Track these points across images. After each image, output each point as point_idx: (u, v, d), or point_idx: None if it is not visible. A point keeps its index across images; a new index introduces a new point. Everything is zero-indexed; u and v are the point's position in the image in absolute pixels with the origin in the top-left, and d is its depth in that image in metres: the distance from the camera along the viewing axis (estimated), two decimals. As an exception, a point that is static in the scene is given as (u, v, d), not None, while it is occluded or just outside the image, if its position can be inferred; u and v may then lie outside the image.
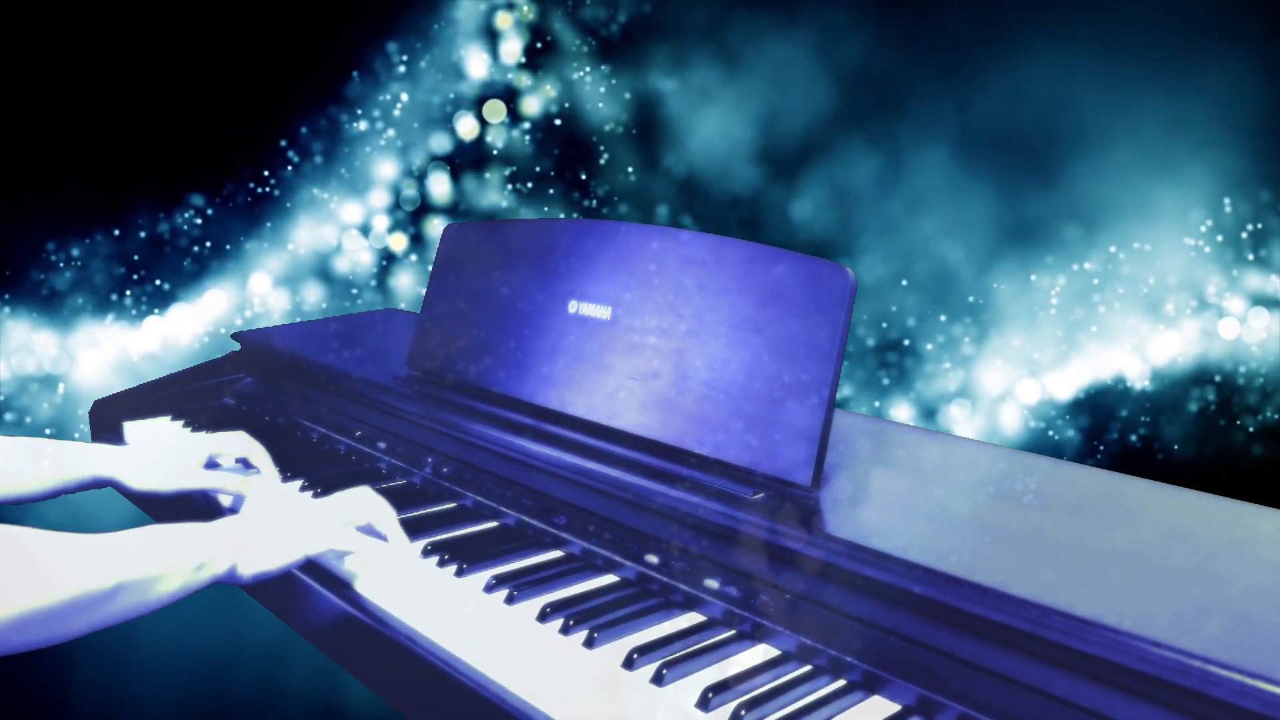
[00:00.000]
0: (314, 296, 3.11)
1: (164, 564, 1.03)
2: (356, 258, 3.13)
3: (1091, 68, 2.49)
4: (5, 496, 1.32)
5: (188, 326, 2.99)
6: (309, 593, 1.21)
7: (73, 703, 2.18)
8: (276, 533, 1.15)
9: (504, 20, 3.08)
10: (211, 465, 1.53)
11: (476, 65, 3.10)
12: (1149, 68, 2.43)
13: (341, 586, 1.20)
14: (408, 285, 3.17)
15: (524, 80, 3.10)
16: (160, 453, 1.44)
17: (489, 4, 3.07)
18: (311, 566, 1.22)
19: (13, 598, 0.89)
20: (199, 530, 1.10)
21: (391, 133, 3.09)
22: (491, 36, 3.09)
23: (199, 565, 1.07)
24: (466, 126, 3.11)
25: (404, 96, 3.07)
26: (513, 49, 3.09)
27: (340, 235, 3.11)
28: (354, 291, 3.14)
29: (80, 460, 1.38)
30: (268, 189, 3.02)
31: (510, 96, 3.10)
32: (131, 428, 1.82)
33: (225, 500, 1.48)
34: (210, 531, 1.11)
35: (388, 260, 3.15)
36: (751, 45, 2.85)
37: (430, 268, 1.72)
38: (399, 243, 3.14)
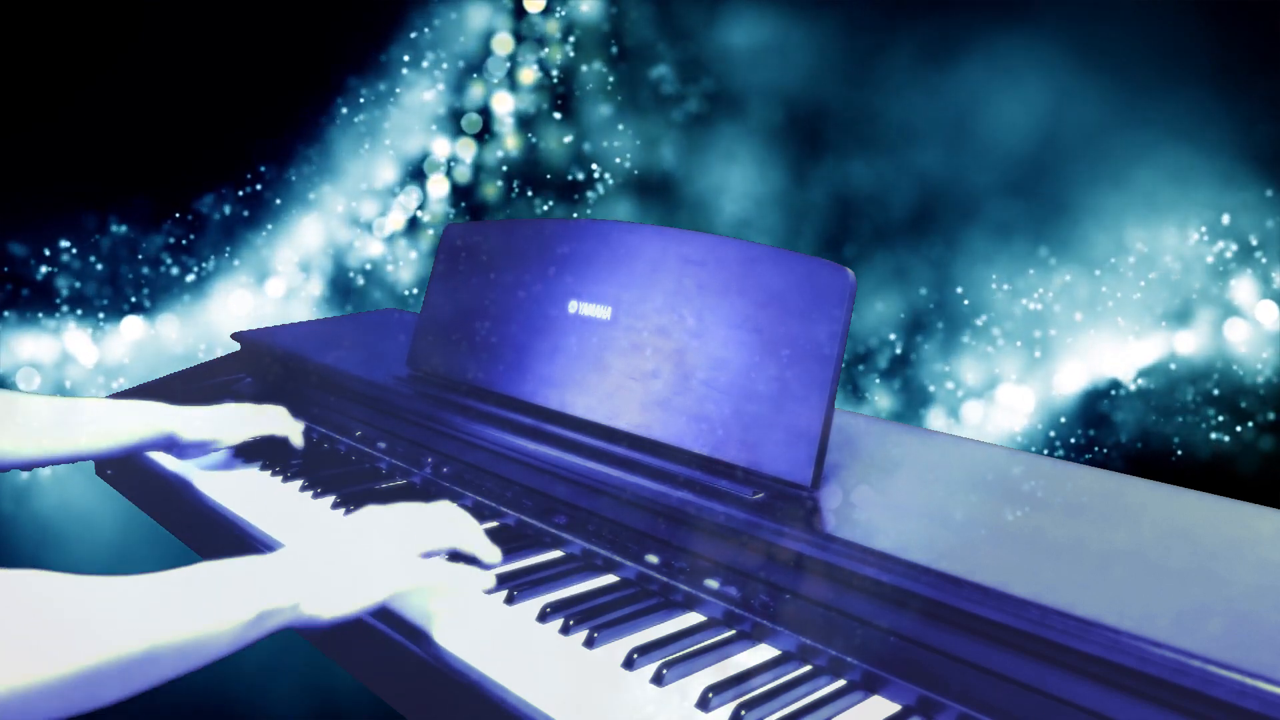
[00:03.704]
0: (314, 296, 3.11)
1: (215, 617, 0.83)
2: (357, 258, 3.12)
3: (1094, 71, 2.49)
4: (83, 452, 1.36)
5: (187, 326, 2.98)
6: (309, 593, 1.21)
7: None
8: (358, 564, 0.98)
9: (507, 21, 3.08)
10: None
11: (479, 64, 3.09)
12: (1150, 69, 2.43)
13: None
14: (407, 285, 3.17)
15: (525, 80, 3.10)
16: (211, 411, 1.54)
17: (492, 4, 3.07)
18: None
19: (14, 668, 0.69)
20: (258, 567, 0.90)
21: (392, 132, 3.08)
22: (494, 35, 3.09)
23: (260, 614, 0.87)
24: (469, 126, 3.11)
25: (405, 96, 3.07)
26: (513, 47, 3.09)
27: (340, 235, 3.10)
28: (354, 291, 3.14)
29: (143, 416, 1.44)
30: (267, 189, 3.02)
31: (511, 96, 3.10)
32: (131, 428, 1.81)
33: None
34: (272, 568, 0.91)
35: (388, 260, 3.14)
36: (758, 42, 2.85)
37: (431, 268, 1.72)
38: (399, 242, 3.14)
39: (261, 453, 1.65)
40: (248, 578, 0.88)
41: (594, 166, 3.08)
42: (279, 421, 1.61)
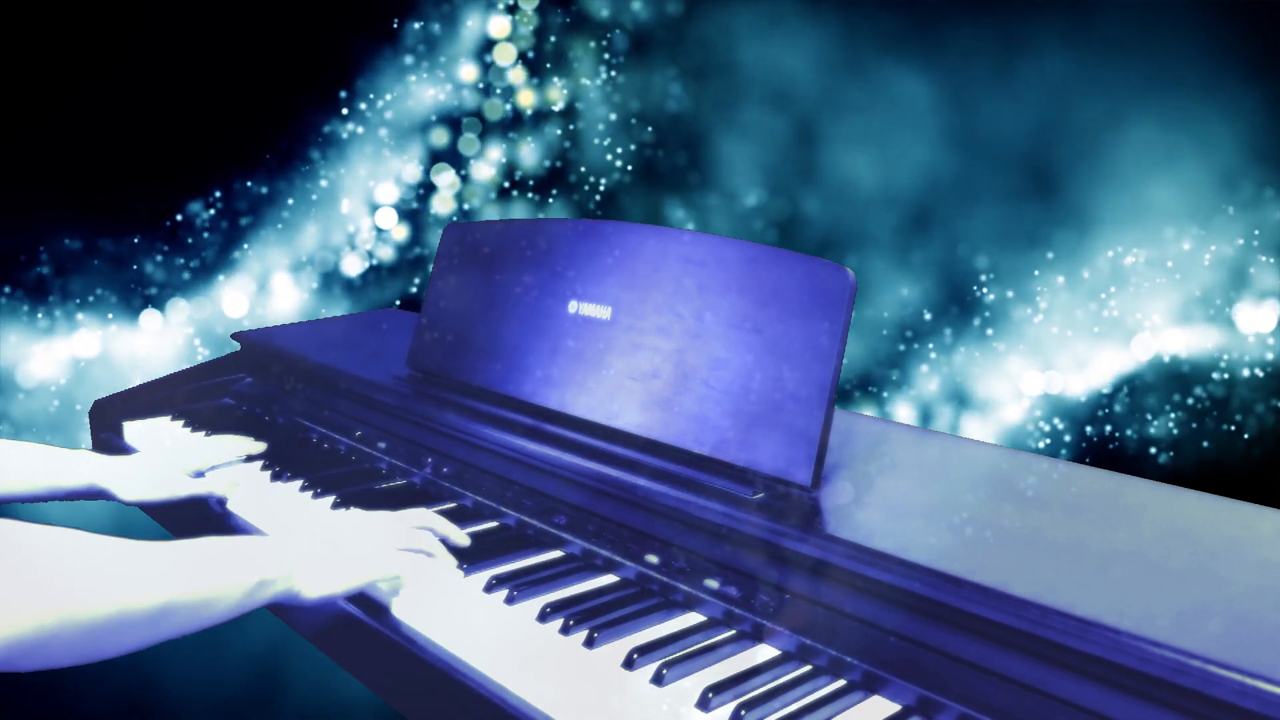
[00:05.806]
0: (314, 296, 3.11)
1: (221, 581, 0.94)
2: (357, 257, 3.13)
3: (1096, 70, 2.49)
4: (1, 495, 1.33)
5: (187, 326, 2.99)
6: (309, 592, 1.21)
7: (69, 702, 2.18)
8: (344, 551, 1.10)
9: (504, 20, 3.08)
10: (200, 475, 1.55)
11: (478, 63, 3.10)
12: (1152, 66, 2.43)
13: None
14: (408, 285, 3.17)
15: (524, 79, 3.10)
16: (148, 464, 1.47)
17: (491, 4, 3.07)
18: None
19: (46, 609, 0.77)
20: (262, 545, 1.02)
21: (391, 132, 3.09)
22: (493, 34, 3.09)
23: (260, 583, 0.98)
24: (468, 125, 3.11)
25: (404, 95, 3.07)
26: (512, 49, 3.09)
27: (340, 235, 3.11)
28: (354, 291, 3.14)
29: (72, 468, 1.39)
30: (266, 189, 3.02)
31: (511, 95, 3.10)
32: (131, 428, 1.82)
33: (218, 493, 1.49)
34: (274, 546, 1.03)
35: (388, 260, 3.15)
36: (751, 44, 2.85)
37: (431, 268, 1.72)
38: (400, 242, 3.14)
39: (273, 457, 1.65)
40: (251, 550, 1.00)
41: (595, 166, 3.08)
42: (219, 484, 1.48)
